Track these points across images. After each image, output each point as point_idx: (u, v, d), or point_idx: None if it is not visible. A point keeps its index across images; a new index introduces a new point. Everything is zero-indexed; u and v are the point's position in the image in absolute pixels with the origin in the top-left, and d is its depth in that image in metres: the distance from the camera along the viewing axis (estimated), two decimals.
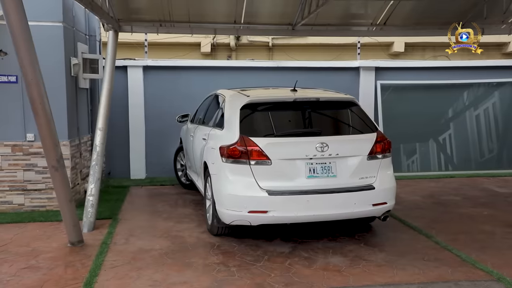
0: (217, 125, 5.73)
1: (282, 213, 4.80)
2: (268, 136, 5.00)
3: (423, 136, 9.46)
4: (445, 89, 9.57)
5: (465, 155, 9.46)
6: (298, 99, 5.28)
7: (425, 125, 9.46)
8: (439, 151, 9.46)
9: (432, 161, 9.41)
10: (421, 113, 9.45)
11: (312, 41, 12.98)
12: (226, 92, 6.14)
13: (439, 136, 9.53)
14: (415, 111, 9.46)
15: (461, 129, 9.52)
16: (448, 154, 9.46)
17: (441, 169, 9.36)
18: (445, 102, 9.56)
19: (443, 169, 9.37)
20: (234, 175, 4.91)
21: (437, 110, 9.53)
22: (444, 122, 9.54)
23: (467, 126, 9.57)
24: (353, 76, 9.53)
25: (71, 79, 6.82)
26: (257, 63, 9.51)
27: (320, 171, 4.90)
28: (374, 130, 5.26)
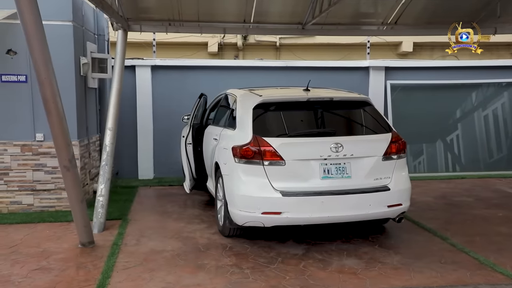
0: (229, 125, 5.66)
1: (296, 214, 4.73)
2: (282, 136, 4.93)
3: (431, 136, 9.36)
4: (454, 89, 9.47)
5: (474, 156, 9.35)
6: (312, 98, 5.21)
7: (433, 125, 9.36)
8: (447, 152, 9.36)
9: (439, 161, 9.31)
10: (429, 113, 9.36)
11: (320, 41, 12.89)
12: (237, 91, 6.07)
13: (447, 136, 9.43)
14: (423, 111, 9.37)
15: (470, 129, 9.42)
16: (457, 154, 9.36)
17: (448, 169, 9.26)
18: (454, 102, 9.46)
19: (451, 170, 9.26)
20: (247, 176, 4.85)
21: (446, 110, 9.43)
22: (452, 122, 9.44)
23: (476, 126, 9.47)
24: (362, 76, 9.45)
25: (80, 78, 6.77)
26: (266, 63, 9.44)
27: (335, 172, 4.82)
28: (389, 130, 5.19)
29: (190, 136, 6.72)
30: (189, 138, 6.73)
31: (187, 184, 6.78)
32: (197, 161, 6.72)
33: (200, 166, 6.70)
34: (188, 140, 6.73)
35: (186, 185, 6.80)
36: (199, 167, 6.73)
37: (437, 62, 9.42)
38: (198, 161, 6.70)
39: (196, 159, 6.71)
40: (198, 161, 6.71)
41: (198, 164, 6.72)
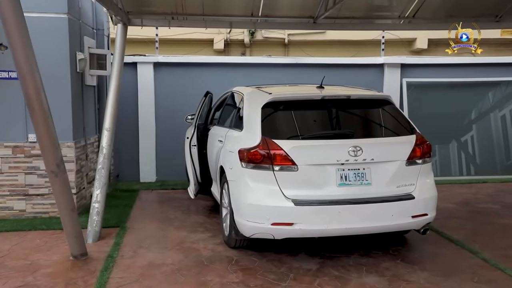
0: (235, 126, 5.19)
1: (310, 225, 4.24)
2: (294, 139, 4.45)
3: (446, 137, 8.81)
4: (470, 87, 8.92)
5: (490, 158, 8.79)
6: (327, 96, 4.72)
7: (448, 125, 8.82)
8: (461, 153, 8.81)
9: (453, 164, 8.76)
10: (444, 112, 8.82)
11: (330, 38, 12.45)
12: (244, 89, 5.59)
13: (462, 137, 8.90)
14: (438, 110, 8.83)
15: (486, 130, 8.87)
16: (472, 156, 8.80)
17: (462, 173, 8.71)
18: (470, 101, 8.92)
19: (466, 173, 8.71)
20: (255, 182, 4.37)
21: (462, 110, 8.90)
22: (468, 122, 8.90)
23: (492, 127, 8.91)
24: (377, 73, 8.95)
25: (77, 75, 6.33)
26: (274, 60, 8.96)
27: (353, 178, 4.33)
28: (412, 131, 4.68)
29: (195, 137, 6.24)
30: (193, 139, 6.25)
31: (192, 189, 6.31)
32: (202, 164, 6.25)
33: (206, 170, 6.23)
34: (193, 142, 6.26)
35: (191, 190, 6.33)
36: (205, 171, 6.25)
37: (456, 58, 8.86)
38: (204, 164, 6.23)
39: (201, 162, 6.24)
40: (203, 164, 6.24)
41: (203, 167, 6.24)
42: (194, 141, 6.23)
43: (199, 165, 6.24)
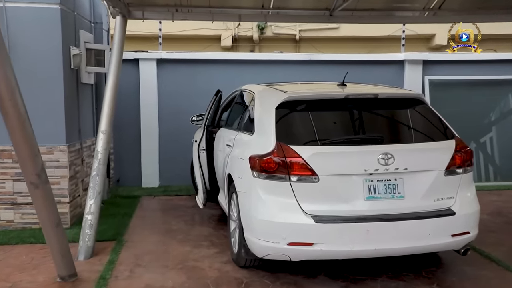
0: (245, 129, 4.60)
1: (332, 246, 3.64)
2: (313, 144, 3.85)
3: (474, 139, 8.14)
4: (499, 85, 8.25)
5: None
6: (351, 95, 4.10)
7: (472, 126, 8.14)
8: (488, 158, 8.14)
9: (478, 168, 8.08)
10: (467, 112, 8.13)
11: (343, 34, 11.84)
12: (254, 88, 5.00)
13: (487, 139, 8.22)
14: (464, 109, 8.15)
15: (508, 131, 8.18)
16: (493, 160, 8.13)
17: (489, 178, 8.03)
18: (493, 100, 8.24)
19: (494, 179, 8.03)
20: (269, 195, 3.77)
21: (485, 109, 8.23)
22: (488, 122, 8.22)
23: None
24: (396, 70, 8.33)
25: (71, 72, 5.76)
26: (286, 56, 8.35)
27: (383, 190, 3.72)
28: (451, 136, 4.06)
29: (203, 140, 5.64)
30: (202, 143, 5.65)
31: (200, 198, 5.68)
32: (211, 170, 5.67)
33: (215, 176, 5.68)
34: (202, 146, 5.65)
35: (199, 199, 5.71)
36: (214, 177, 5.69)
37: (482, 54, 8.22)
38: (213, 170, 5.66)
39: (210, 168, 5.67)
40: (213, 170, 5.67)
41: (212, 173, 5.67)
42: (203, 145, 5.63)
43: (207, 171, 5.65)
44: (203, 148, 5.65)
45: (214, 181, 5.68)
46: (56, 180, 5.47)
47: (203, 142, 5.66)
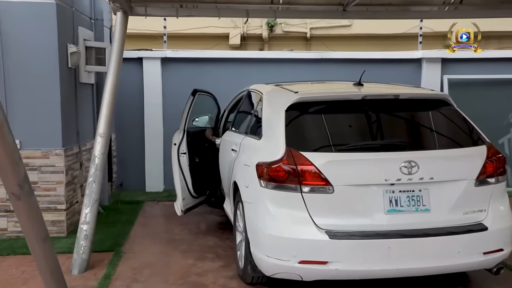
0: (252, 132, 4.23)
1: (349, 265, 3.25)
2: (328, 151, 3.46)
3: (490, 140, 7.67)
4: None
5: None
6: (369, 96, 3.70)
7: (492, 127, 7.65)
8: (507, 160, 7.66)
9: None
10: (490, 112, 7.67)
11: (356, 31, 11.41)
12: (263, 87, 4.62)
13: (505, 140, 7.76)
14: (483, 110, 7.67)
15: None
16: None
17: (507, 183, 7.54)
18: None
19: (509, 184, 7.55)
20: (278, 207, 3.40)
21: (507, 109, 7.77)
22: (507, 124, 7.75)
23: None
24: (413, 69, 7.91)
25: (68, 71, 5.44)
26: (296, 55, 7.97)
27: (406, 203, 3.32)
28: (481, 141, 3.64)
29: (184, 143, 5.25)
30: (183, 146, 5.25)
31: (179, 205, 5.22)
32: (194, 175, 5.29)
33: (201, 180, 5.37)
34: (182, 149, 5.24)
35: (178, 206, 5.24)
36: (199, 182, 5.35)
37: (508, 52, 7.75)
38: (196, 174, 5.31)
39: (194, 172, 5.29)
40: (196, 174, 5.31)
41: (196, 178, 5.31)
42: (184, 148, 5.24)
43: (190, 175, 5.27)
44: (184, 151, 5.26)
45: (200, 186, 5.38)
46: (52, 186, 5.16)
47: (183, 145, 5.26)
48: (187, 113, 5.27)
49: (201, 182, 5.41)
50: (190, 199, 5.34)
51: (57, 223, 5.18)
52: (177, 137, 5.26)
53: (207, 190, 5.58)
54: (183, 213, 5.21)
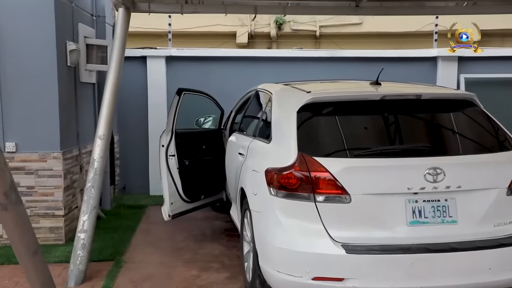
0: (261, 135, 3.94)
1: (368, 282, 2.95)
2: (344, 156, 3.16)
3: None
4: None
5: None
6: (389, 96, 3.40)
7: None
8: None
9: None
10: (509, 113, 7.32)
11: (367, 30, 11.09)
12: (272, 87, 4.33)
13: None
14: (502, 111, 7.31)
15: None
16: None
17: None
18: None
19: None
20: (289, 218, 3.11)
21: None
22: None
23: None
24: (428, 68, 7.60)
25: (67, 70, 5.18)
26: (306, 53, 7.69)
27: (431, 213, 3.02)
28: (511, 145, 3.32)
29: (173, 145, 4.95)
30: (171, 148, 4.95)
31: (166, 209, 4.91)
32: (185, 178, 5.01)
33: (194, 184, 5.08)
34: (170, 151, 4.94)
35: (165, 210, 4.93)
36: (191, 186, 5.06)
37: None
38: (188, 177, 5.03)
39: (184, 175, 5.00)
40: (188, 177, 5.03)
41: (188, 181, 5.02)
42: (172, 150, 4.94)
43: (180, 179, 4.97)
44: (173, 153, 4.96)
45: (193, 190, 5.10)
46: (50, 191, 4.91)
47: (172, 147, 4.96)
48: (174, 113, 4.97)
49: (194, 186, 5.13)
50: (181, 203, 5.04)
51: (55, 229, 4.93)
52: (165, 138, 4.98)
53: (202, 194, 5.29)
54: (171, 218, 4.92)
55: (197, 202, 5.26)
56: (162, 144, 4.91)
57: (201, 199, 5.31)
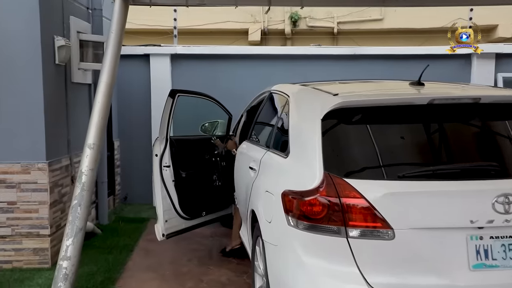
0: (275, 147, 3.26)
1: None
2: (384, 178, 2.46)
3: None
4: None
5: None
6: (438, 99, 2.68)
7: None
8: None
9: None
10: None
11: (388, 26, 10.40)
12: (289, 88, 3.64)
13: None
14: None
15: None
16: None
17: None
18: None
19: None
20: (314, 257, 2.43)
21: None
22: None
23: None
24: (460, 66, 6.90)
25: (56, 68, 4.58)
26: (325, 50, 7.00)
27: (501, 254, 2.32)
28: None
29: (167, 155, 4.34)
30: (165, 158, 4.33)
31: (160, 228, 4.30)
32: (182, 191, 4.42)
33: (193, 199, 4.50)
34: (165, 162, 4.33)
35: (159, 229, 4.32)
36: (188, 200, 4.47)
37: None
38: (186, 190, 4.44)
39: (181, 189, 4.41)
40: (185, 191, 4.44)
41: (185, 195, 4.44)
42: (167, 160, 4.32)
43: (176, 192, 4.38)
44: (167, 164, 4.34)
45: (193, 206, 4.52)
46: (34, 207, 4.31)
47: (166, 157, 4.34)
48: (168, 118, 4.37)
49: (193, 201, 4.53)
50: (178, 221, 4.42)
51: (39, 251, 4.32)
52: (158, 147, 4.34)
53: (203, 211, 4.66)
54: (165, 237, 4.31)
55: (198, 219, 4.63)
56: (156, 154, 4.29)
57: (203, 216, 4.67)
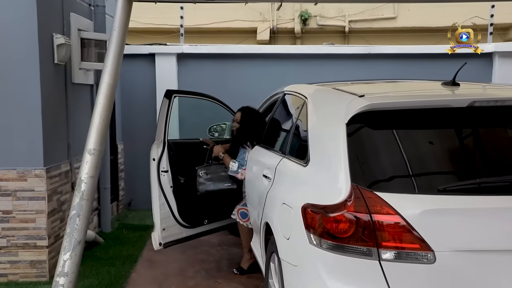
0: (292, 153, 2.96)
1: None
2: (421, 191, 2.15)
3: None
4: None
5: None
6: (479, 101, 2.36)
7: None
8: None
9: None
10: None
11: (401, 25, 10.12)
12: (305, 89, 3.35)
13: None
14: None
15: None
16: None
17: None
18: None
19: None
20: (341, 281, 2.12)
21: None
22: None
23: None
24: (481, 65, 6.53)
25: (55, 68, 4.30)
26: (338, 49, 6.70)
27: None
28: None
29: (165, 159, 4.10)
30: (163, 163, 4.09)
31: (157, 236, 4.06)
32: (181, 198, 4.19)
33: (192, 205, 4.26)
34: (162, 166, 4.09)
35: (155, 238, 4.08)
36: (188, 207, 4.24)
37: None
38: (185, 197, 4.21)
39: (180, 195, 4.18)
40: (185, 197, 4.21)
41: (184, 202, 4.21)
42: (165, 165, 4.08)
43: (175, 199, 4.15)
44: (166, 169, 4.09)
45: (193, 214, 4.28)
46: (31, 217, 4.03)
47: (164, 162, 4.10)
48: (165, 120, 4.14)
49: (194, 208, 4.27)
50: (178, 229, 4.19)
51: (36, 263, 4.04)
52: (156, 151, 4.07)
53: (205, 218, 4.41)
54: (163, 247, 4.06)
55: (201, 227, 4.36)
56: (153, 158, 4.02)
57: (205, 224, 4.40)
